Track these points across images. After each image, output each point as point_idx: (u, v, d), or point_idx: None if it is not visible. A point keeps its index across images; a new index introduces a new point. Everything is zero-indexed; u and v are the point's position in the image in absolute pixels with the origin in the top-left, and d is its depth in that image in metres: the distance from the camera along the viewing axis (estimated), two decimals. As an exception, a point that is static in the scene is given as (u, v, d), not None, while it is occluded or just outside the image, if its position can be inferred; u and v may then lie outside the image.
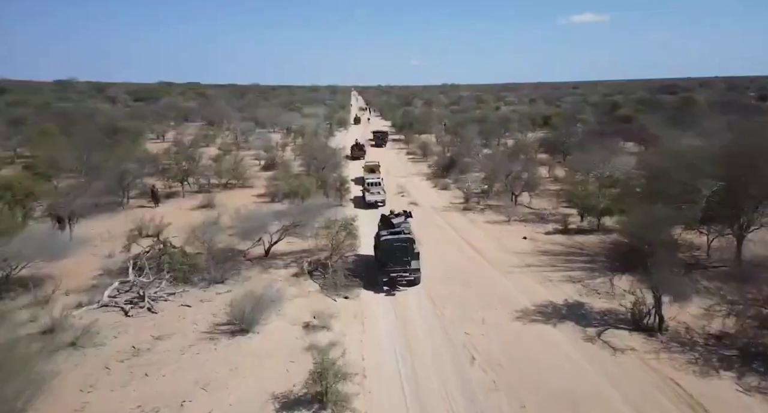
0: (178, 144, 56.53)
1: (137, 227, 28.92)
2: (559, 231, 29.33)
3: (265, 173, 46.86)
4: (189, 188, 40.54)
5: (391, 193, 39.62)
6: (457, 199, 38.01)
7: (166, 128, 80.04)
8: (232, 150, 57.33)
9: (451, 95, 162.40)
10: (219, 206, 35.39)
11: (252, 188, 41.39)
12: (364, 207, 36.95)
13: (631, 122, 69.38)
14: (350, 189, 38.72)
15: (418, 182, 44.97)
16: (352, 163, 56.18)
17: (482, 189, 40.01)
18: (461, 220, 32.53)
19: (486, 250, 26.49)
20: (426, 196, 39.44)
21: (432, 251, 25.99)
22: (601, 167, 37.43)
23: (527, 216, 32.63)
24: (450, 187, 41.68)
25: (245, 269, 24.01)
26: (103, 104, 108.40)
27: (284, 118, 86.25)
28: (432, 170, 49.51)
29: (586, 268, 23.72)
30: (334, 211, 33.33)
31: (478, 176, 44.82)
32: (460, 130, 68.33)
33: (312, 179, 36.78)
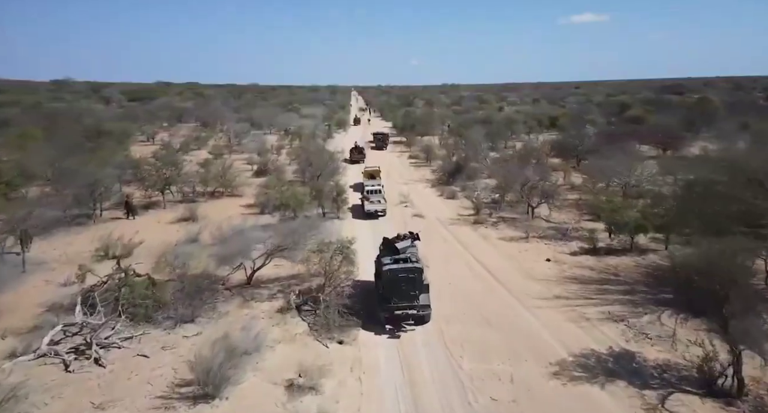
0: (166, 147, 52.56)
1: (102, 247, 25.09)
2: (587, 251, 25.30)
3: (257, 180, 42.91)
4: (172, 197, 36.53)
5: (392, 202, 35.64)
6: (466, 210, 34.00)
7: (158, 129, 76.06)
8: (223, 154, 53.27)
9: (452, 95, 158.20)
10: (202, 218, 31.49)
11: (241, 197, 37.38)
12: (363, 217, 33.09)
13: (642, 123, 65.46)
14: (348, 199, 34.63)
15: (422, 190, 40.94)
16: (351, 167, 52.26)
17: (493, 199, 36.04)
18: (472, 235, 28.51)
19: (504, 275, 22.48)
20: (431, 206, 35.42)
21: (441, 275, 22.05)
22: (626, 175, 33.37)
23: (547, 231, 28.61)
24: (457, 195, 37.67)
25: (222, 302, 20.04)
26: (97, 105, 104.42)
27: (281, 119, 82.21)
28: (436, 176, 45.47)
29: (626, 301, 19.72)
30: (328, 226, 29.65)
31: (488, 183, 40.90)
32: (464, 132, 64.35)
33: (306, 188, 32.74)
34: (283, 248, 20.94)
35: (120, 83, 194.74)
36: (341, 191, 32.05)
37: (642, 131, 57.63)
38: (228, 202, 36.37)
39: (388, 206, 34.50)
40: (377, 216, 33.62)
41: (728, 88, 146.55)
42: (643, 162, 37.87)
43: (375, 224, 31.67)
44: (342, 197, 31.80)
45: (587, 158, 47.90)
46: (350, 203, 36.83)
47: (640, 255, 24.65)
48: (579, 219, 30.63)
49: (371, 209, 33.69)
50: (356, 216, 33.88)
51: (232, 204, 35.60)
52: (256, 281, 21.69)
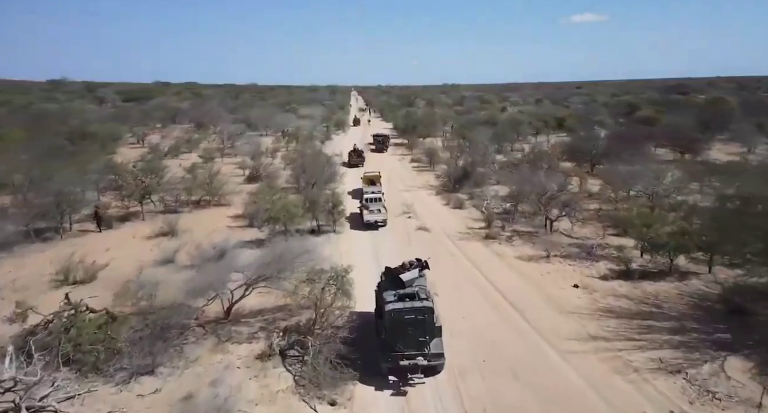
0: (154, 150, 49.03)
1: (62, 271, 21.64)
2: (619, 275, 21.78)
3: (248, 186, 39.42)
4: (153, 207, 33.01)
5: (394, 212, 32.17)
6: (476, 222, 30.50)
7: (150, 130, 72.52)
8: (214, 157, 49.82)
9: (453, 95, 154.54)
10: (183, 232, 27.99)
11: (229, 207, 33.84)
12: (362, 228, 29.71)
13: (654, 124, 61.93)
14: (345, 210, 31.06)
15: (426, 197, 37.39)
16: (350, 171, 48.71)
17: (505, 209, 32.55)
18: (485, 254, 24.97)
19: (527, 306, 18.96)
20: (437, 217, 31.88)
21: (452, 305, 18.57)
22: (652, 183, 29.83)
23: (569, 249, 25.08)
24: (465, 205, 34.14)
25: (193, 343, 16.54)
26: (90, 105, 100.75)
27: (278, 119, 78.57)
28: (441, 182, 41.97)
29: (677, 343, 16.23)
30: (323, 243, 26.14)
31: (497, 190, 37.40)
32: (468, 133, 60.81)
33: (299, 198, 29.20)
34: (267, 278, 17.42)
35: (118, 83, 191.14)
36: (338, 203, 28.46)
37: (656, 132, 54.15)
38: (214, 212, 32.84)
39: (390, 217, 31.07)
40: (377, 227, 30.30)
41: (732, 88, 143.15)
42: (667, 168, 34.32)
43: (375, 237, 28.19)
44: (338, 209, 28.19)
45: (602, 162, 44.48)
46: (348, 212, 33.41)
47: (681, 280, 21.15)
48: (603, 234, 27.09)
49: (371, 219, 30.33)
50: (355, 226, 30.50)
51: (218, 215, 32.09)
52: (235, 314, 18.19)
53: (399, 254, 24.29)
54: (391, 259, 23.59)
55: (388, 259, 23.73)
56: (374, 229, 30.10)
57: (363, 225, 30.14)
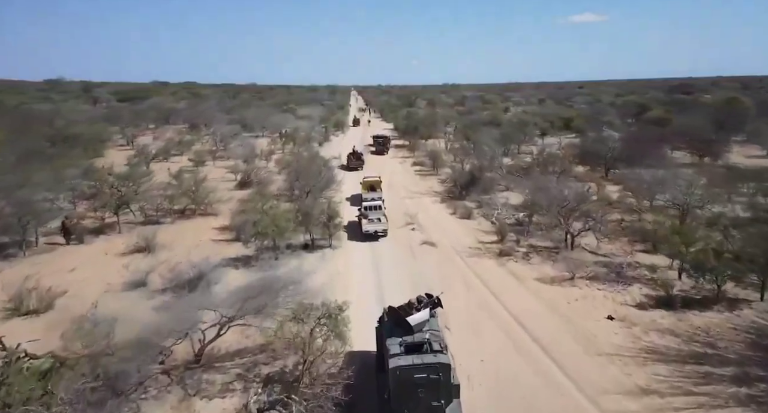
0: (141, 153, 45.86)
1: (13, 298, 18.56)
2: (657, 302, 18.66)
3: (239, 192, 36.35)
4: (133, 217, 29.89)
5: (396, 223, 29.16)
6: (487, 234, 27.38)
7: (142, 131, 69.42)
8: (205, 161, 46.71)
9: (454, 95, 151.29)
10: (161, 248, 24.89)
11: (216, 217, 30.71)
12: (360, 238, 26.75)
13: (666, 125, 58.74)
14: (342, 223, 27.94)
15: (430, 206, 34.23)
16: (348, 175, 45.61)
17: (517, 219, 29.45)
18: (501, 275, 21.83)
19: (559, 346, 15.80)
20: (443, 228, 28.74)
21: (467, 345, 15.47)
22: (683, 191, 26.70)
23: (595, 268, 21.95)
24: (473, 214, 30.97)
25: (153, 399, 13.43)
26: (84, 105, 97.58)
27: (276, 120, 75.41)
28: (446, 188, 38.83)
29: (746, 397, 13.12)
30: (316, 261, 23.05)
31: (507, 197, 34.30)
32: (472, 135, 57.68)
33: (291, 208, 26.06)
34: (246, 315, 14.32)
35: (116, 83, 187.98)
36: (334, 215, 25.30)
37: (670, 134, 50.96)
38: (200, 223, 29.71)
39: (392, 228, 28.08)
40: (377, 238, 27.33)
41: (736, 88, 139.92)
42: (693, 174, 31.22)
43: (375, 252, 25.08)
44: (334, 221, 25.03)
45: (617, 166, 41.36)
46: (346, 221, 30.42)
47: (731, 309, 18.04)
48: (631, 250, 23.99)
49: (370, 229, 27.39)
50: (353, 237, 27.62)
51: (204, 226, 28.98)
52: (209, 356, 15.07)
53: (403, 277, 21.26)
54: (393, 281, 20.56)
55: (390, 281, 20.67)
56: (374, 240, 27.15)
57: (362, 236, 27.20)
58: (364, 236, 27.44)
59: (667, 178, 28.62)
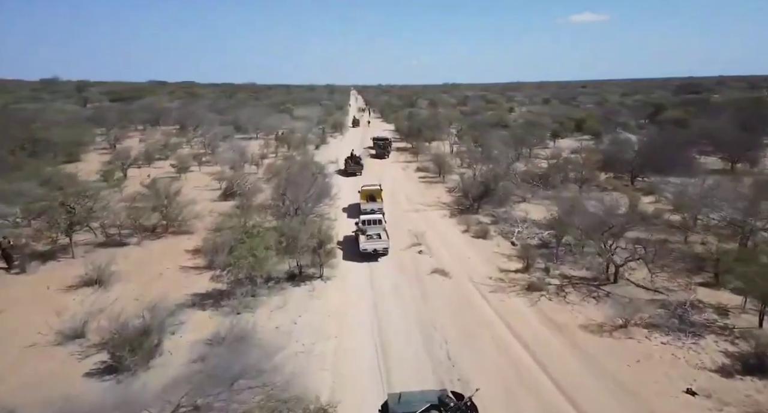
0: (118, 158, 41.20)
1: None
2: (744, 364, 14.05)
3: (222, 204, 31.78)
4: (94, 237, 25.27)
5: (401, 242, 24.66)
6: (509, 259, 22.78)
7: (128, 133, 64.75)
8: (189, 166, 42.08)
9: (455, 95, 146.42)
10: (117, 280, 20.30)
11: (192, 235, 26.11)
12: (358, 257, 22.43)
13: (684, 127, 54.08)
14: (338, 235, 23.50)
15: (439, 221, 29.60)
16: (346, 182, 41.13)
17: (542, 238, 24.90)
18: (535, 322, 17.17)
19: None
20: (455, 251, 24.11)
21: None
22: (743, 208, 22.08)
23: (650, 309, 17.35)
24: (490, 233, 26.28)
25: None
26: (74, 106, 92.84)
27: (271, 121, 70.71)
28: (455, 198, 34.21)
29: None
30: (302, 300, 18.43)
31: (526, 211, 29.71)
32: (479, 136, 53.05)
33: (277, 230, 21.40)
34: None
35: (113, 83, 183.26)
36: (326, 240, 20.63)
37: (695, 137, 46.28)
38: (170, 244, 25.11)
39: (396, 249, 23.74)
40: (377, 257, 23.18)
41: (742, 87, 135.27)
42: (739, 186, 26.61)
43: (375, 281, 20.52)
44: (326, 247, 20.40)
45: (645, 173, 36.78)
46: (342, 234, 26.13)
47: None
48: (690, 283, 19.38)
49: (368, 247, 23.26)
50: (349, 255, 23.39)
51: (173, 248, 24.37)
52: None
53: (412, 330, 16.55)
54: (400, 339, 15.78)
55: (396, 339, 15.95)
56: (373, 260, 22.79)
57: (359, 254, 22.80)
58: (361, 255, 23.22)
59: (714, 189, 24.01)
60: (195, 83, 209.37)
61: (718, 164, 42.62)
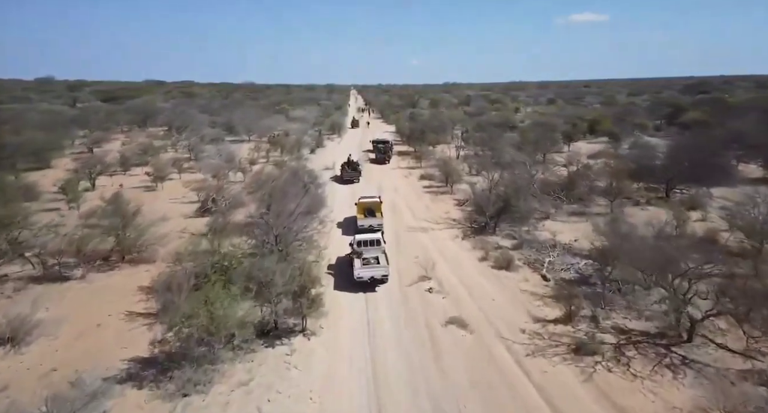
0: (88, 165, 36.16)
1: None
2: None
3: (198, 221, 26.88)
4: (32, 269, 20.29)
5: (405, 274, 19.80)
6: (542, 301, 17.76)
7: (110, 135, 59.72)
8: (167, 175, 37.08)
9: (457, 95, 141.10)
10: (40, 334, 15.33)
11: (151, 265, 21.14)
12: (351, 286, 17.84)
13: (710, 129, 49.00)
14: (323, 296, 18.44)
15: (449, 243, 24.51)
16: (342, 191, 36.37)
17: (579, 270, 19.96)
18: (594, 407, 12.21)
19: None
20: (475, 289, 19.10)
21: None
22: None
23: (751, 389, 12.41)
24: (514, 262, 21.21)
25: None
26: (61, 106, 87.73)
27: (265, 122, 65.68)
28: (466, 214, 29.22)
29: None
30: (276, 367, 13.39)
31: (551, 231, 24.74)
32: (488, 140, 48.03)
33: (244, 272, 16.42)
34: None
35: (109, 82, 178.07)
36: (310, 283, 15.62)
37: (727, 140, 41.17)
38: (123, 278, 20.13)
39: (401, 284, 18.86)
40: (374, 286, 18.83)
41: (750, 87, 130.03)
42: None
43: (376, 337, 15.53)
44: (310, 294, 15.37)
45: (683, 184, 31.78)
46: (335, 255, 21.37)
47: None
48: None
49: (364, 275, 18.99)
50: (341, 284, 19.01)
51: (125, 284, 19.36)
52: None
53: (425, 409, 11.72)
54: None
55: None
56: (370, 290, 18.21)
57: (353, 283, 18.36)
58: (357, 284, 18.69)
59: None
60: (194, 83, 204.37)
61: (757, 171, 37.60)
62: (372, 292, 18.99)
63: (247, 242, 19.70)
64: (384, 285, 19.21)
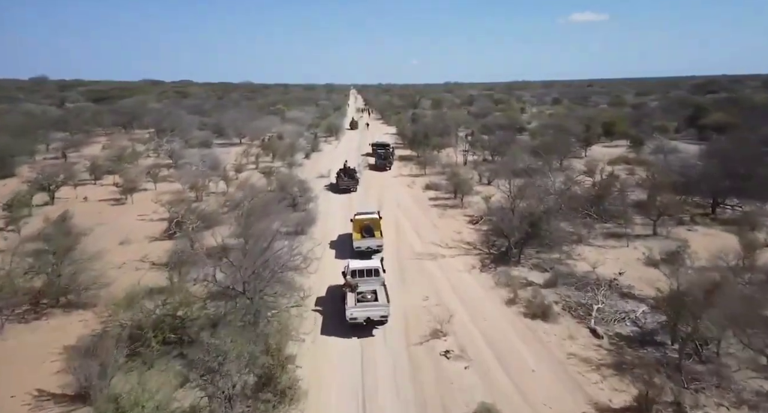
0: (48, 176, 31.34)
1: None
2: None
3: (165, 245, 22.20)
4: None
5: (414, 326, 15.12)
6: (597, 373, 13.04)
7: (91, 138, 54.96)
8: (138, 186, 32.29)
9: (459, 94, 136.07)
10: None
11: (89, 313, 16.37)
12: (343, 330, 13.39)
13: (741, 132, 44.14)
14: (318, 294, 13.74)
15: (466, 279, 19.63)
16: (337, 201, 31.85)
17: (638, 322, 15.23)
18: None
19: None
20: (505, 349, 14.37)
21: None
22: None
23: None
24: (552, 310, 16.38)
25: None
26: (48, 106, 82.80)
27: (258, 124, 60.88)
28: (481, 234, 24.47)
29: None
30: None
31: (589, 262, 19.96)
32: (499, 145, 43.29)
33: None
34: None
35: (105, 82, 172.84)
36: (281, 366, 10.84)
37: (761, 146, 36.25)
38: (50, 331, 15.37)
39: (405, 343, 14.29)
40: (372, 328, 14.90)
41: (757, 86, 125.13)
42: None
43: None
44: (278, 383, 10.60)
45: (731, 198, 27.04)
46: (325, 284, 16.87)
47: None
48: None
49: (358, 316, 15.06)
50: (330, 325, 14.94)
51: (47, 346, 14.55)
52: None
53: None
54: None
55: None
56: (366, 334, 14.61)
57: (345, 324, 14.36)
58: (349, 326, 14.72)
59: None
60: (192, 83, 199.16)
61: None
62: (369, 337, 14.74)
63: (207, 285, 14.91)
64: (388, 342, 14.52)
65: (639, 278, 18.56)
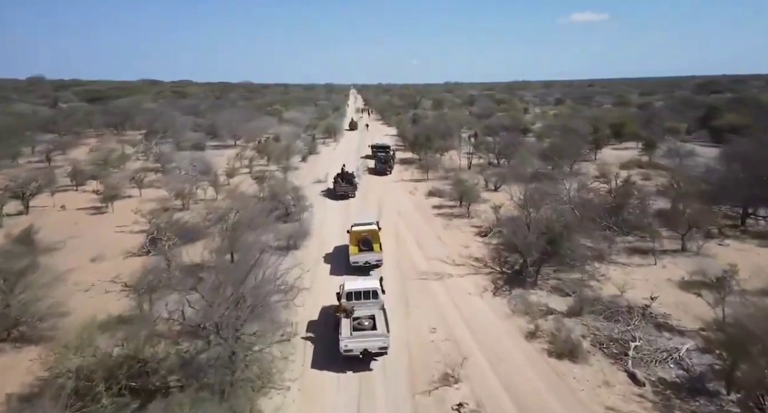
0: (21, 183, 28.90)
1: None
2: None
3: (142, 261, 19.83)
4: None
5: (413, 356, 12.74)
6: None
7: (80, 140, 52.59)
8: (119, 193, 29.90)
9: (460, 94, 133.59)
10: None
11: (46, 345, 13.98)
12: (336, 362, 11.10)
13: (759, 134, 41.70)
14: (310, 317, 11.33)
15: (477, 305, 17.20)
16: (333, 208, 29.52)
17: (682, 363, 12.82)
18: None
19: None
20: (531, 404, 11.96)
21: None
22: None
23: None
24: (581, 348, 13.96)
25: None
26: (40, 107, 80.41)
27: (254, 125, 58.49)
28: (492, 249, 22.07)
29: None
30: None
31: (616, 284, 17.55)
32: (504, 147, 40.88)
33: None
34: None
35: (103, 81, 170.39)
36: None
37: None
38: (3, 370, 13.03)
39: (410, 391, 11.76)
40: (369, 361, 12.75)
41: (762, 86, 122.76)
42: None
43: None
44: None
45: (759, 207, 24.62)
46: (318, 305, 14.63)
47: None
48: None
49: (354, 347, 13.04)
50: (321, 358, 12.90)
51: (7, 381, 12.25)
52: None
53: None
54: None
55: None
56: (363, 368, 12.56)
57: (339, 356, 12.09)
58: (343, 359, 12.50)
59: None
60: (191, 83, 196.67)
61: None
62: (366, 371, 12.47)
63: (175, 323, 12.51)
64: (389, 389, 12.14)
65: (675, 305, 16.16)
